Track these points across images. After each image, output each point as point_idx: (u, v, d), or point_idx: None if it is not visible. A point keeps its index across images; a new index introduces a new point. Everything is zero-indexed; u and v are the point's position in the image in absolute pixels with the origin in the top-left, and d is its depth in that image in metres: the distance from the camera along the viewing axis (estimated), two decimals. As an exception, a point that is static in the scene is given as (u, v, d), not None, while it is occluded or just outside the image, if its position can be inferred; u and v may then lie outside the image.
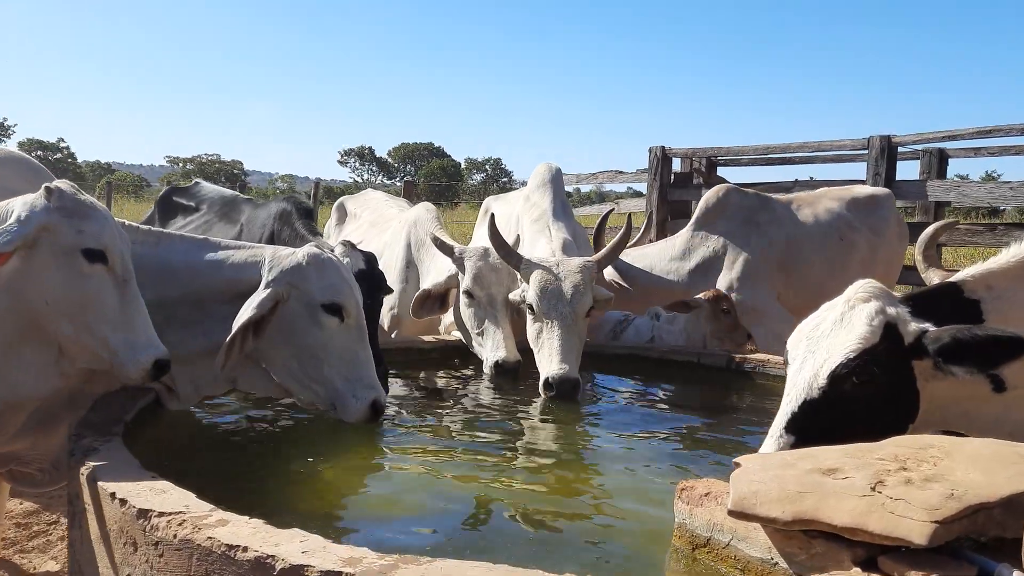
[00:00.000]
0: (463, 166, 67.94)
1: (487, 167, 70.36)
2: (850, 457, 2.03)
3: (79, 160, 62.66)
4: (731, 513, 1.90)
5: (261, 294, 2.92)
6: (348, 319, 3.05)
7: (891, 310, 2.39)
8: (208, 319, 2.99)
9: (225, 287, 3.01)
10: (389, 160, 71.46)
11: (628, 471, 3.03)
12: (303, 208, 4.44)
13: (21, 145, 60.30)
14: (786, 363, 2.55)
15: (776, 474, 1.96)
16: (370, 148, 72.56)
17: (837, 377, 2.31)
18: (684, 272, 6.01)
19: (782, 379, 4.33)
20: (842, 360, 2.30)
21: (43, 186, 2.54)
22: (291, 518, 2.30)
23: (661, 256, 6.11)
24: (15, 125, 72.58)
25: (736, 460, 2.12)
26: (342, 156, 72.90)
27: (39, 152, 59.27)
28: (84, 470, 2.29)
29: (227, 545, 1.82)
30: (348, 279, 3.13)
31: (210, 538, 1.86)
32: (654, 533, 2.40)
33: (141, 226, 3.08)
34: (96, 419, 2.71)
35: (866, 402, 2.32)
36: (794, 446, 2.25)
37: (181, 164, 66.18)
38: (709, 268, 5.92)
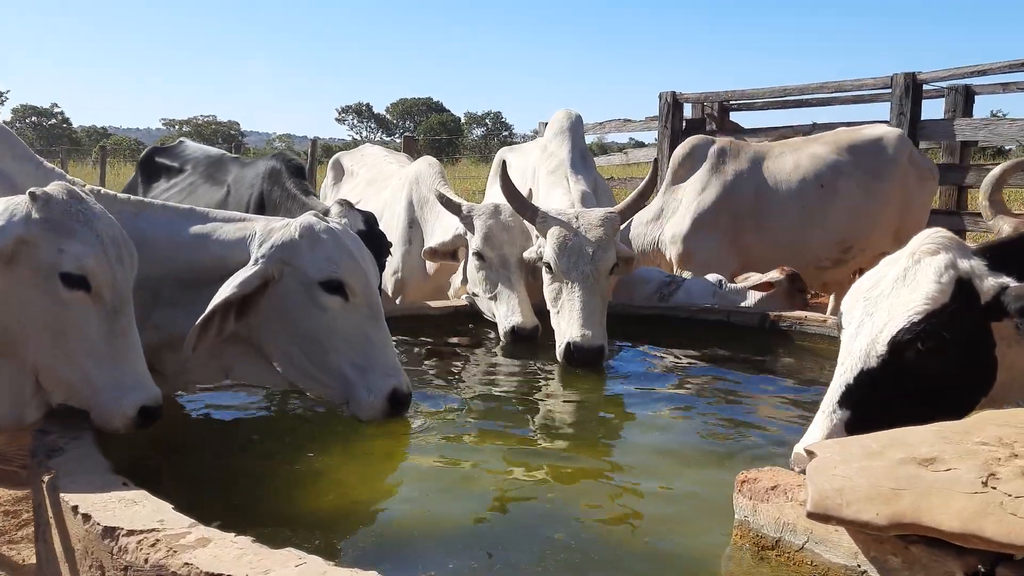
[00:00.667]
0: (463, 121, 67.04)
1: (487, 121, 69.42)
2: (948, 442, 1.73)
3: (75, 125, 61.88)
4: (812, 515, 1.60)
5: (247, 271, 2.58)
6: (354, 297, 2.68)
7: (964, 263, 2.08)
8: (197, 299, 2.62)
9: (212, 264, 2.66)
10: (388, 117, 70.56)
11: (667, 455, 2.69)
12: (293, 165, 4.09)
13: (15, 111, 59.67)
14: (840, 327, 2.21)
15: (863, 466, 1.65)
16: (368, 105, 71.69)
17: (899, 343, 2.02)
18: (655, 235, 5.87)
19: (822, 338, 4.06)
20: (905, 324, 2.01)
21: (29, 191, 2.21)
22: (290, 531, 2.02)
23: (638, 219, 5.89)
24: (8, 92, 71.79)
25: (808, 447, 1.82)
26: (340, 114, 72.04)
27: (33, 118, 58.65)
28: (46, 476, 1.97)
29: (207, 573, 1.51)
30: (352, 250, 2.76)
31: (187, 564, 1.55)
32: (706, 530, 2.09)
33: (119, 195, 2.75)
34: (65, 410, 2.38)
35: (934, 372, 2.03)
36: (849, 423, 2.02)
37: (177, 127, 65.55)
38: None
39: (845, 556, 1.63)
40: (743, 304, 4.95)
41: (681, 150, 6.08)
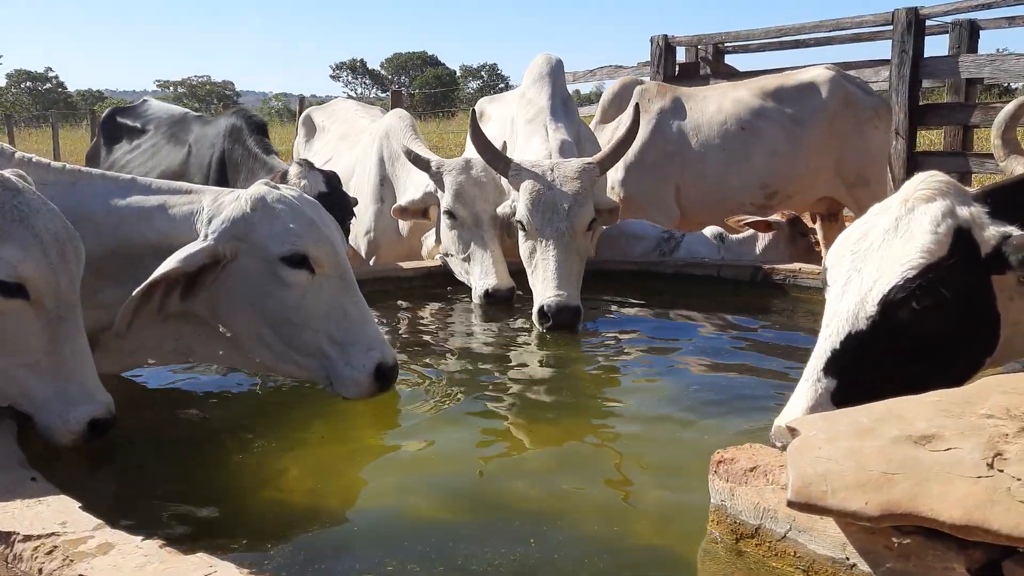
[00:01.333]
0: (458, 74, 66.13)
1: (483, 73, 68.47)
2: (948, 416, 1.54)
3: (70, 89, 61.12)
4: (792, 504, 1.42)
5: (193, 247, 2.35)
6: (321, 269, 2.43)
7: (962, 211, 1.87)
8: (144, 277, 2.36)
9: (156, 240, 2.42)
10: (382, 72, 69.65)
11: (643, 428, 2.51)
12: (254, 123, 3.86)
13: (9, 76, 58.92)
14: (824, 285, 2.00)
15: (851, 447, 1.47)
16: (362, 61, 70.77)
17: (892, 303, 1.81)
18: None
19: (818, 292, 3.84)
20: (898, 280, 1.80)
21: None
22: (234, 525, 1.88)
23: None
24: (1, 57, 70.82)
25: (790, 423, 1.63)
26: (334, 71, 71.09)
27: (28, 83, 57.92)
28: (-53, 471, 1.78)
29: (104, 586, 1.33)
30: (313, 218, 2.49)
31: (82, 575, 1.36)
32: (681, 515, 1.91)
33: (52, 164, 2.52)
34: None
35: (931, 333, 1.83)
36: (836, 393, 1.83)
37: (172, 88, 64.79)
38: None
39: (832, 547, 1.45)
40: (747, 254, 4.75)
41: (608, 92, 5.97)
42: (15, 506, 1.60)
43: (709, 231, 4.97)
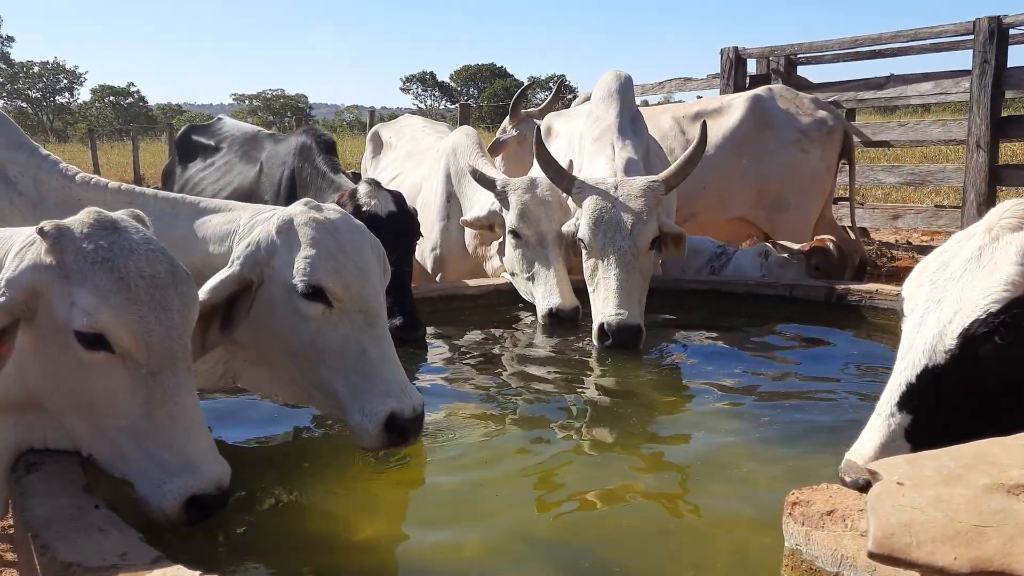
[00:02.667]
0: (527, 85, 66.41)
1: (551, 85, 68.58)
2: (1044, 461, 1.41)
3: (150, 103, 63.44)
4: (873, 556, 1.33)
5: (221, 274, 2.21)
6: (339, 304, 2.21)
7: None
8: None
9: (202, 263, 2.30)
10: (451, 84, 70.41)
11: (708, 460, 2.41)
12: (323, 141, 3.89)
13: (94, 92, 61.31)
14: (901, 315, 1.89)
15: (938, 495, 1.37)
16: (432, 73, 71.68)
17: (973, 337, 1.70)
18: None
19: (895, 313, 3.68)
20: (981, 314, 1.69)
21: (38, 228, 1.74)
22: (286, 556, 1.86)
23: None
24: (86, 73, 74.05)
25: (871, 467, 1.53)
26: (404, 83, 72.16)
27: (111, 98, 60.24)
28: (17, 493, 1.81)
29: (160, 622, 1.32)
30: (343, 245, 2.26)
31: (143, 610, 1.35)
32: (751, 558, 1.82)
33: (111, 184, 2.51)
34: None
35: (1014, 369, 1.70)
36: (910, 430, 1.74)
37: (247, 101, 66.63)
38: None
39: (916, 601, 1.35)
40: (787, 274, 4.60)
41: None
42: (77, 536, 1.60)
43: (756, 249, 4.87)
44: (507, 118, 7.18)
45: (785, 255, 4.67)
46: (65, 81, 64.34)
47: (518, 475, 2.32)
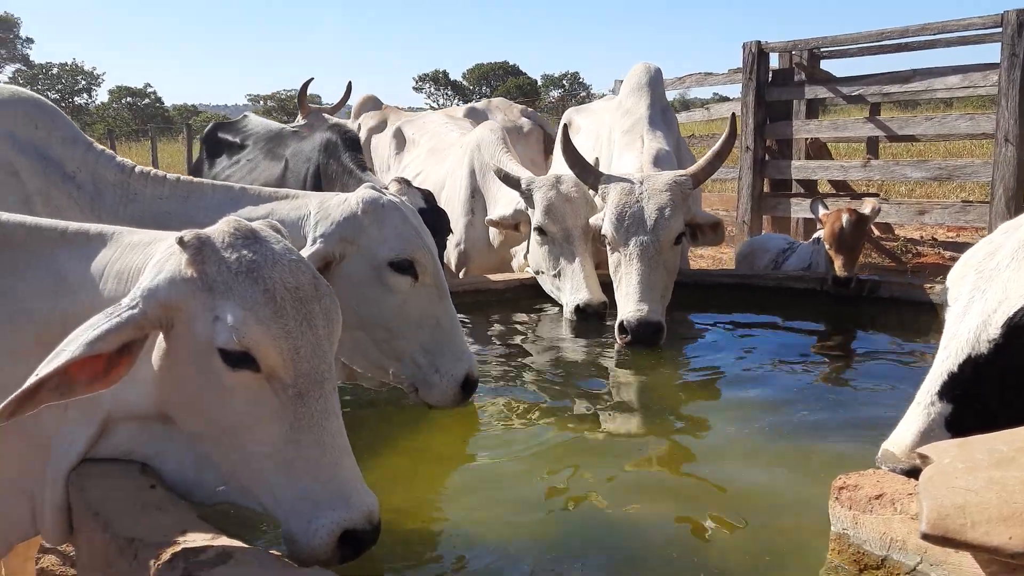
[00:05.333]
0: (539, 83, 66.29)
1: (564, 82, 68.48)
2: (1097, 447, 1.42)
3: (167, 104, 63.77)
4: (927, 537, 1.34)
5: (305, 252, 2.34)
6: (423, 276, 2.46)
7: None
8: None
9: None
10: (464, 83, 70.39)
11: (745, 451, 2.41)
12: (349, 138, 3.89)
13: (111, 93, 61.74)
14: (943, 305, 1.89)
15: (991, 477, 1.38)
16: (444, 72, 71.62)
17: (1018, 326, 1.69)
18: None
19: (930, 307, 3.68)
20: None
21: (177, 238, 1.63)
22: None
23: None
24: (104, 74, 74.56)
25: (920, 451, 1.53)
26: (417, 82, 72.23)
27: (128, 99, 60.61)
28: (75, 475, 1.84)
29: (222, 598, 1.35)
30: (418, 226, 2.53)
31: (203, 586, 1.38)
32: (795, 544, 1.83)
33: (169, 176, 2.57)
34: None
35: None
36: (950, 419, 1.74)
37: (262, 101, 66.87)
38: None
39: (968, 583, 1.37)
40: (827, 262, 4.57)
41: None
42: (137, 513, 1.62)
43: (816, 236, 4.82)
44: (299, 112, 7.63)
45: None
46: (83, 82, 64.86)
47: (541, 467, 2.34)
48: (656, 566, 1.79)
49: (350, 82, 8.02)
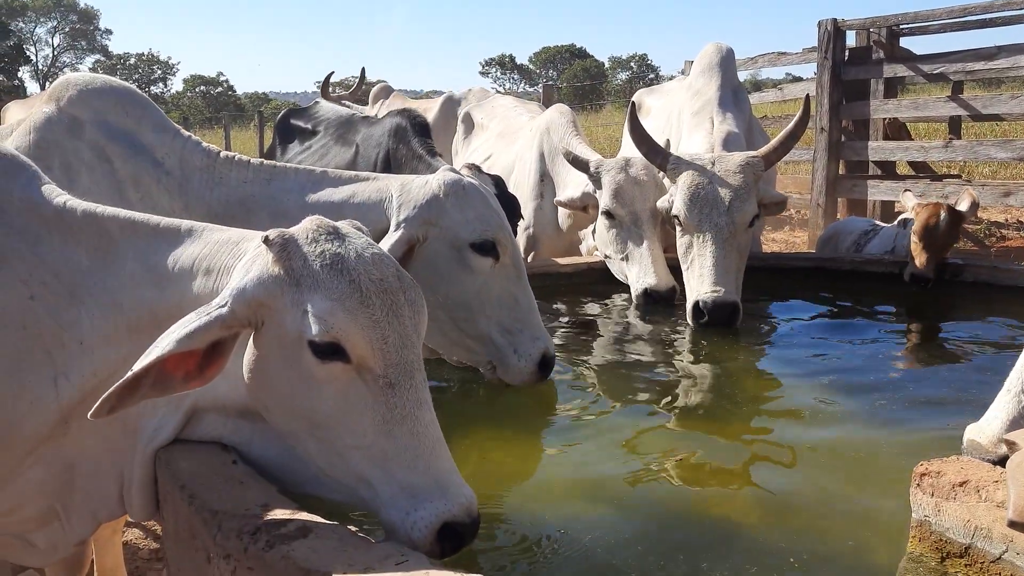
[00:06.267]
0: (607, 66, 65.75)
1: (632, 64, 67.77)
2: None
3: (239, 92, 65.32)
4: (1013, 524, 1.31)
5: (391, 238, 2.39)
6: (504, 257, 2.51)
7: None
8: None
9: None
10: (530, 67, 70.28)
11: (818, 435, 2.37)
12: (418, 123, 3.92)
13: (185, 82, 63.51)
14: None
15: (1082, 466, 1.31)
16: (511, 56, 71.65)
17: None
18: None
19: (1018, 292, 3.53)
20: None
21: (263, 237, 1.66)
22: None
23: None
24: (179, 63, 76.67)
25: (1006, 437, 1.50)
26: (483, 67, 72.42)
27: (202, 87, 62.25)
28: (162, 451, 1.91)
29: (302, 569, 1.39)
30: (497, 208, 2.58)
31: (285, 558, 1.43)
32: (875, 531, 1.79)
33: (252, 160, 2.63)
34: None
35: None
36: None
37: (332, 89, 67.77)
38: None
39: (1056, 573, 1.33)
40: None
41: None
42: (222, 486, 1.68)
43: (901, 216, 4.68)
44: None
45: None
46: (159, 72, 66.93)
47: (612, 453, 2.33)
48: (729, 555, 1.77)
49: (363, 68, 8.77)
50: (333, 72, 8.16)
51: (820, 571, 1.68)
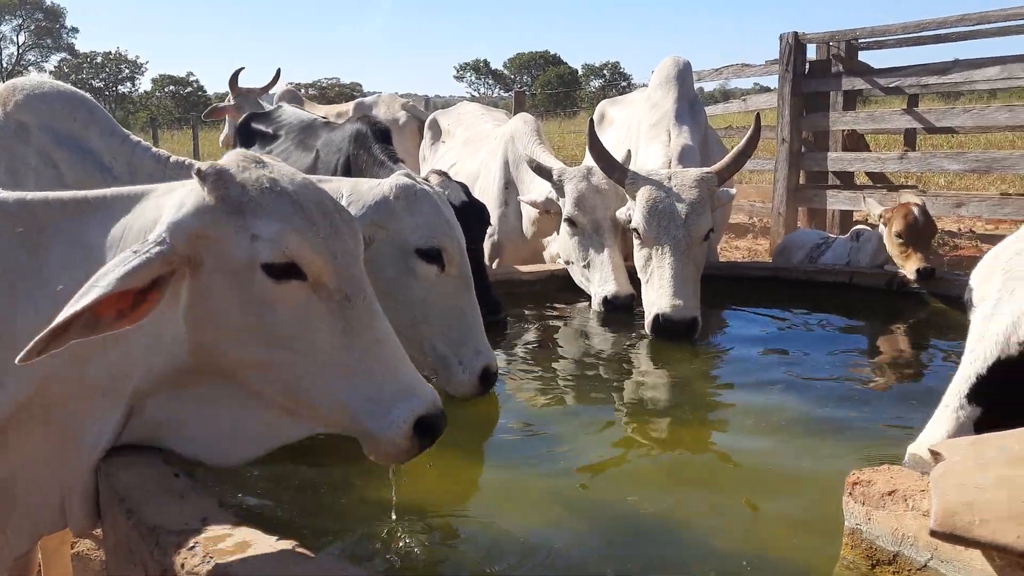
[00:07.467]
0: (580, 73, 66.08)
1: (605, 72, 68.15)
2: (1109, 445, 1.41)
3: (209, 92, 64.64)
4: (935, 534, 1.35)
5: None
6: (450, 267, 2.50)
7: None
8: None
9: None
10: (505, 72, 70.42)
11: (763, 444, 2.42)
12: (379, 129, 3.92)
13: (154, 82, 62.67)
14: (967, 306, 1.87)
15: (1001, 476, 1.38)
16: (485, 61, 71.82)
17: None
18: None
19: (956, 300, 3.61)
20: None
21: (195, 170, 1.65)
22: (351, 521, 1.90)
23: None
24: (147, 63, 75.76)
25: (932, 447, 1.54)
26: (458, 71, 72.45)
27: (171, 87, 61.47)
28: (102, 463, 1.89)
29: (242, 586, 1.39)
30: (448, 216, 2.55)
31: (222, 574, 1.42)
32: (808, 538, 1.84)
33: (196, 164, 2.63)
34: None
35: None
36: (979, 421, 1.74)
37: (303, 90, 67.30)
38: None
39: (977, 580, 1.37)
40: (865, 248, 4.50)
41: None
42: (161, 501, 1.66)
43: (852, 232, 4.79)
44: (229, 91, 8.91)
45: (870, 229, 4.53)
46: (127, 71, 66.02)
47: (568, 459, 2.35)
48: (671, 558, 1.81)
49: (279, 69, 9.21)
50: (244, 68, 8.65)
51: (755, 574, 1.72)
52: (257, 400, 1.71)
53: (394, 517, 1.93)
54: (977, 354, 1.76)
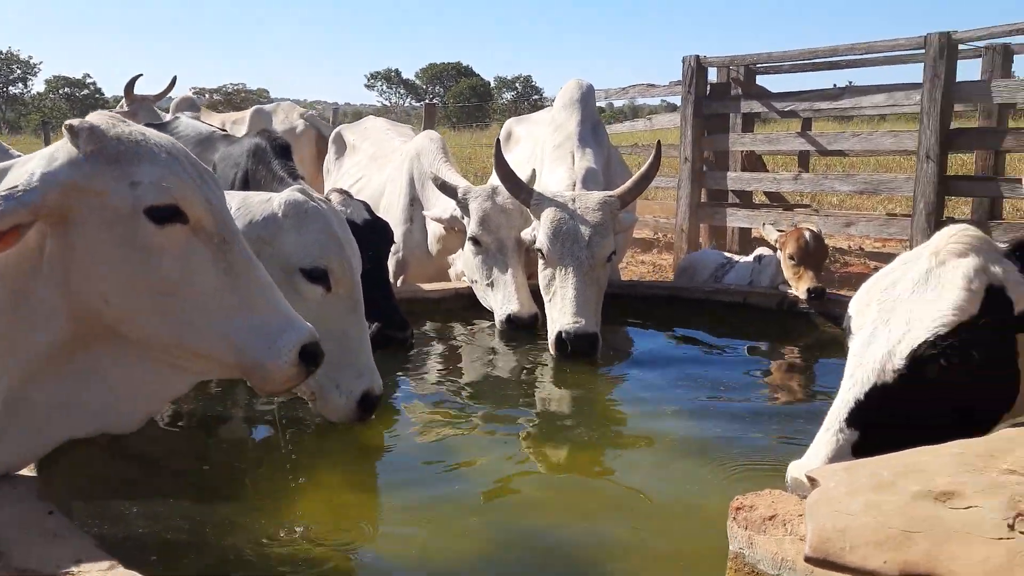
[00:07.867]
0: (493, 85, 66.38)
1: (517, 85, 68.64)
2: (970, 471, 1.52)
3: (107, 95, 62.10)
4: (810, 560, 1.40)
5: None
6: (337, 288, 2.44)
7: (995, 269, 1.82)
8: None
9: None
10: (417, 82, 70.11)
11: (660, 464, 2.48)
12: (278, 145, 3.84)
13: (48, 83, 59.88)
14: (846, 332, 1.96)
15: (870, 501, 1.44)
16: (396, 70, 71.31)
17: (921, 358, 1.77)
18: None
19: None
20: (929, 336, 1.76)
21: (65, 124, 1.68)
22: (236, 560, 1.84)
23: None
24: (41, 63, 72.35)
25: (809, 473, 1.59)
26: (368, 80, 71.78)
27: (66, 89, 58.86)
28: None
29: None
30: (339, 235, 2.49)
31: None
32: (697, 560, 1.88)
33: None
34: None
35: (957, 389, 1.79)
36: (857, 445, 1.80)
37: (207, 95, 65.52)
38: None
39: (850, 604, 1.42)
40: (767, 271, 4.64)
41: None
42: (33, 542, 1.60)
43: (756, 252, 4.94)
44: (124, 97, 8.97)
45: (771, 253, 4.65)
46: (19, 71, 62.89)
47: (471, 479, 2.36)
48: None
49: (175, 76, 9.39)
50: (141, 75, 8.68)
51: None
52: (142, 356, 1.75)
53: (282, 552, 1.89)
54: (856, 379, 1.84)
